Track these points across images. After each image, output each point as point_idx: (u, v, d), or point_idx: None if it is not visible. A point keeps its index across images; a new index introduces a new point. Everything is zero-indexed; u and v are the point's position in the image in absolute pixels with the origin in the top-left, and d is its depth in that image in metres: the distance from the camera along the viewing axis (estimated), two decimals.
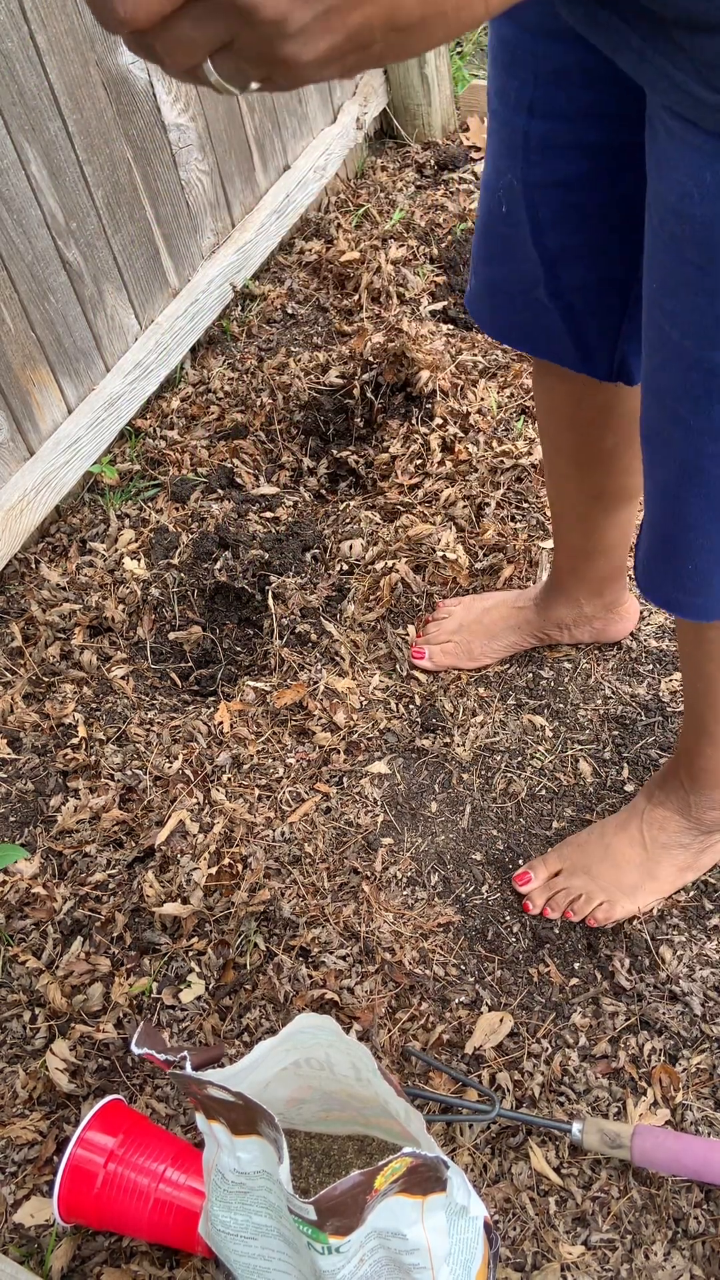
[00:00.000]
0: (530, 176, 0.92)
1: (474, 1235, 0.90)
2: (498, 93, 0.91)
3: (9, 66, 1.45)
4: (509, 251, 1.00)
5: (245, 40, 0.41)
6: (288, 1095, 0.93)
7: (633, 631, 1.52)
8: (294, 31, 0.40)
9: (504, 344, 1.13)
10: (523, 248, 0.98)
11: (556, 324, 1.02)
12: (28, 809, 1.44)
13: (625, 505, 1.29)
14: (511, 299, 1.05)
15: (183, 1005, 1.23)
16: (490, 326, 1.10)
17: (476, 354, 1.93)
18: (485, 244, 1.04)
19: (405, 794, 1.41)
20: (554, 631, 1.48)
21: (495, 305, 1.08)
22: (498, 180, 0.96)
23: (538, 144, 0.89)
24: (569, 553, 1.38)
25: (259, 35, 0.40)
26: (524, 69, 0.86)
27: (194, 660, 1.57)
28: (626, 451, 1.20)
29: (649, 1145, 1.04)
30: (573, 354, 1.05)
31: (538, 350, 1.08)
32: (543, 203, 0.93)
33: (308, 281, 2.18)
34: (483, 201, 1.01)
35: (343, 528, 1.71)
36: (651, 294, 0.78)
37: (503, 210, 0.97)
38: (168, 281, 1.90)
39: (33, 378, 1.65)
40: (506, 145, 0.92)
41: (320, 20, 0.40)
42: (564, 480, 1.29)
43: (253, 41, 0.41)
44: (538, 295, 1.00)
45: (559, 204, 0.93)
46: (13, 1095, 1.19)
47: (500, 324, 1.09)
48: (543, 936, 1.26)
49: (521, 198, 0.94)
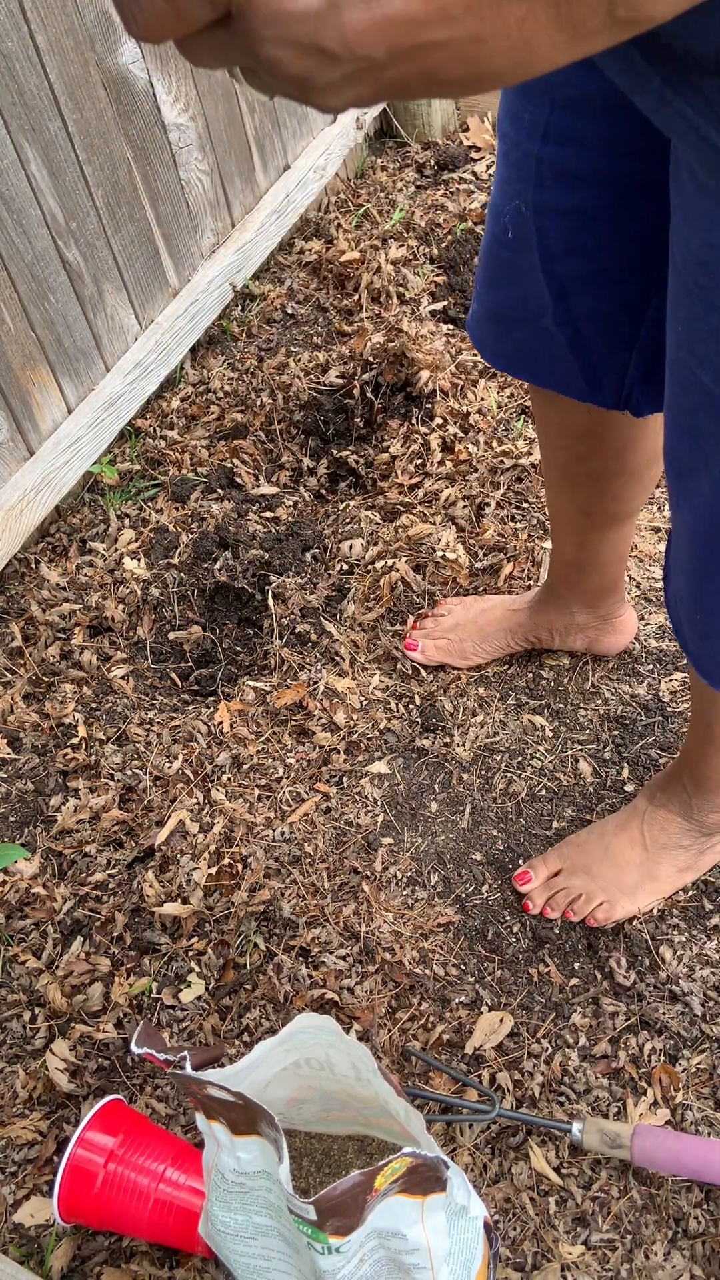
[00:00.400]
0: (542, 202, 0.89)
1: (474, 1235, 0.90)
2: (511, 116, 0.88)
3: (9, 66, 1.45)
4: (514, 277, 0.97)
5: (269, 79, 0.40)
6: (288, 1095, 0.93)
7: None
8: (320, 87, 0.39)
9: (506, 372, 1.09)
10: (530, 274, 0.95)
11: (563, 352, 0.99)
12: (28, 809, 1.44)
13: (616, 526, 1.27)
14: (516, 325, 1.02)
15: (183, 1005, 1.23)
16: (493, 353, 1.07)
17: (476, 354, 1.93)
18: (489, 269, 1.01)
19: (405, 794, 1.41)
20: (545, 636, 1.48)
21: (499, 332, 1.05)
22: (505, 204, 0.93)
23: (551, 170, 0.87)
24: (563, 563, 1.38)
25: (282, 81, 0.39)
26: (541, 94, 0.83)
27: (194, 660, 1.57)
28: (615, 479, 1.18)
29: (649, 1145, 1.04)
30: (579, 383, 1.02)
31: (540, 379, 1.05)
32: (554, 229, 0.90)
33: (308, 281, 2.18)
34: (488, 227, 0.98)
35: (343, 528, 1.71)
36: (678, 336, 0.75)
37: (508, 235, 0.94)
38: (168, 281, 1.90)
39: (33, 378, 1.65)
40: (518, 170, 0.89)
41: (348, 80, 0.39)
42: (556, 493, 1.28)
43: (277, 84, 0.40)
44: (544, 323, 0.98)
45: (571, 231, 0.90)
46: (13, 1095, 1.19)
47: (504, 351, 1.06)
48: (543, 936, 1.26)
49: (532, 223, 0.91)
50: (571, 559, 1.35)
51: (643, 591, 1.60)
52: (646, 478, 1.19)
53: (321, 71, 0.38)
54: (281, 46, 0.37)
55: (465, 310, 2.05)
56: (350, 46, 0.37)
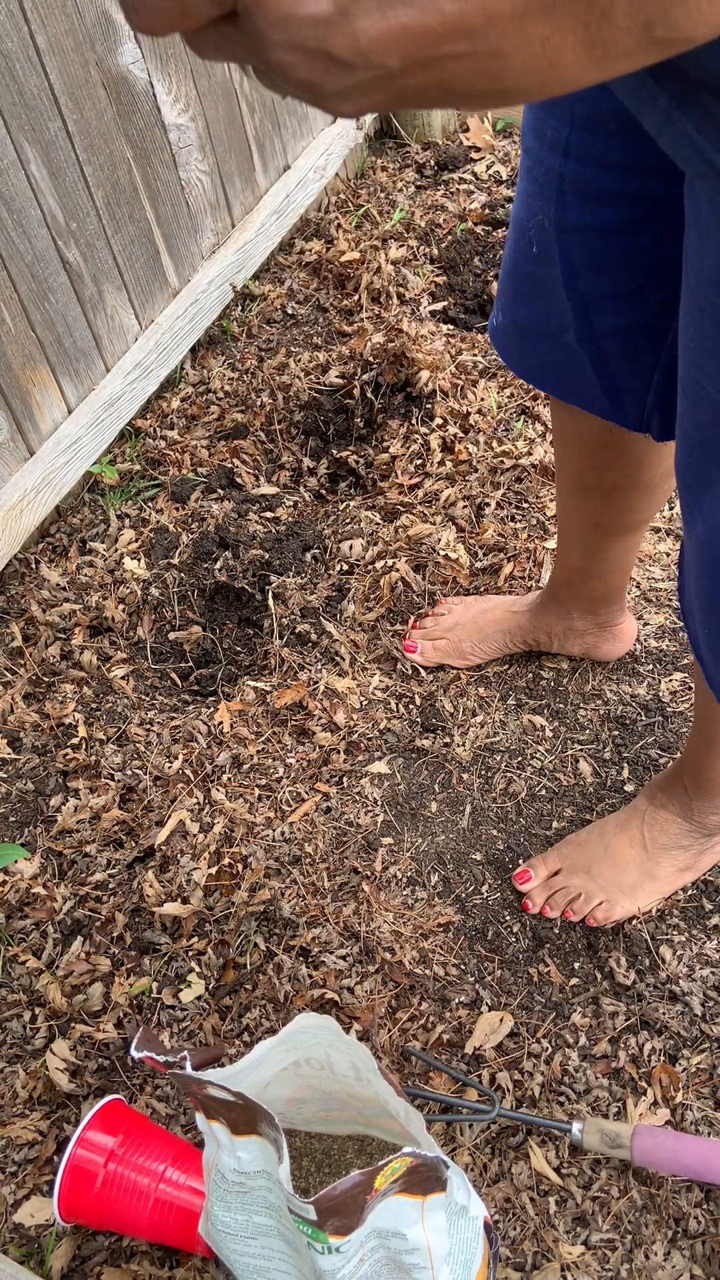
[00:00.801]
0: (564, 219, 0.88)
1: (474, 1235, 0.90)
2: (533, 129, 0.87)
3: (9, 66, 1.45)
4: (538, 291, 0.96)
5: (279, 80, 0.38)
6: (288, 1095, 0.93)
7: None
8: (331, 93, 0.37)
9: (531, 384, 1.08)
10: (553, 289, 0.94)
11: (586, 370, 0.98)
12: (28, 809, 1.44)
13: (625, 536, 1.27)
14: (541, 340, 1.01)
15: (183, 1005, 1.23)
16: (519, 366, 1.07)
17: (476, 354, 1.93)
18: (513, 282, 1.00)
19: (405, 794, 1.41)
20: (542, 638, 1.48)
21: (524, 346, 1.04)
22: (529, 219, 0.92)
23: (573, 187, 0.86)
24: (566, 568, 1.37)
25: (292, 85, 0.37)
26: (563, 109, 0.82)
27: (194, 660, 1.57)
28: (630, 490, 1.18)
29: (649, 1145, 1.04)
30: (602, 401, 1.01)
31: (566, 394, 1.04)
32: (575, 246, 0.89)
33: (308, 281, 2.18)
34: (511, 239, 0.97)
35: (343, 528, 1.71)
36: (689, 351, 0.74)
37: (533, 250, 0.93)
38: (168, 281, 1.90)
39: (33, 378, 1.65)
40: (540, 185, 0.88)
41: (362, 87, 0.36)
42: (568, 501, 1.27)
43: (287, 86, 0.38)
44: (567, 339, 0.97)
45: (592, 249, 0.89)
46: (13, 1095, 1.19)
47: (529, 364, 1.05)
48: (543, 936, 1.26)
49: (554, 239, 0.90)
50: (577, 565, 1.35)
51: (642, 592, 1.60)
52: (661, 490, 1.19)
53: (332, 78, 0.36)
54: (290, 51, 0.35)
55: (465, 310, 2.05)
56: (363, 55, 0.35)
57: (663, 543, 1.66)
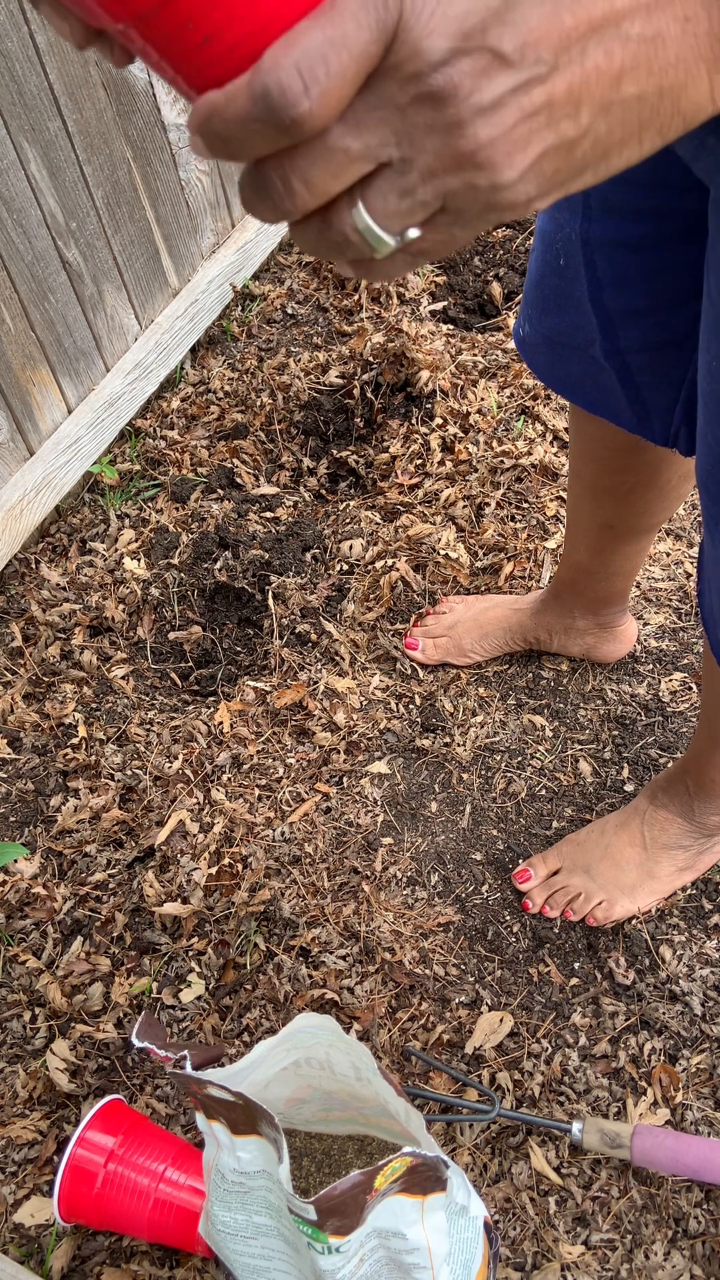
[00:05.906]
0: (590, 233, 0.88)
1: (474, 1235, 0.90)
2: None
3: (9, 66, 1.45)
4: (565, 304, 0.96)
5: (461, 206, 0.36)
6: (288, 1095, 0.93)
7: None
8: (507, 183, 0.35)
9: (561, 395, 1.09)
10: (580, 303, 0.94)
11: (613, 383, 0.99)
12: (28, 809, 1.44)
13: (636, 538, 1.27)
14: (569, 352, 1.01)
15: (183, 1005, 1.23)
16: (548, 377, 1.07)
17: (476, 354, 1.93)
18: (543, 294, 1.00)
19: (405, 794, 1.41)
20: (543, 637, 1.48)
21: (553, 358, 1.04)
22: (557, 232, 0.92)
23: (598, 202, 0.86)
24: (573, 568, 1.37)
25: (465, 181, 0.34)
26: None
27: (194, 660, 1.57)
28: (646, 493, 1.18)
29: (649, 1145, 1.04)
30: (629, 415, 1.01)
31: (594, 407, 1.04)
32: (601, 260, 0.90)
33: (308, 281, 2.18)
34: (537, 250, 0.97)
35: (343, 528, 1.71)
36: (709, 366, 0.75)
37: (560, 263, 0.93)
38: (168, 281, 1.90)
39: (33, 378, 1.65)
40: (566, 200, 0.88)
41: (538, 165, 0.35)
42: (579, 501, 1.27)
43: (469, 214, 0.36)
44: (594, 353, 0.97)
45: (617, 264, 0.89)
46: (13, 1095, 1.19)
47: (559, 375, 1.06)
48: (543, 936, 1.26)
49: (580, 253, 0.90)
50: (583, 565, 1.34)
51: (642, 592, 1.60)
52: (676, 494, 1.18)
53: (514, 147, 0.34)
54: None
55: (465, 310, 2.05)
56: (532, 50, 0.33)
57: (663, 543, 1.66)
